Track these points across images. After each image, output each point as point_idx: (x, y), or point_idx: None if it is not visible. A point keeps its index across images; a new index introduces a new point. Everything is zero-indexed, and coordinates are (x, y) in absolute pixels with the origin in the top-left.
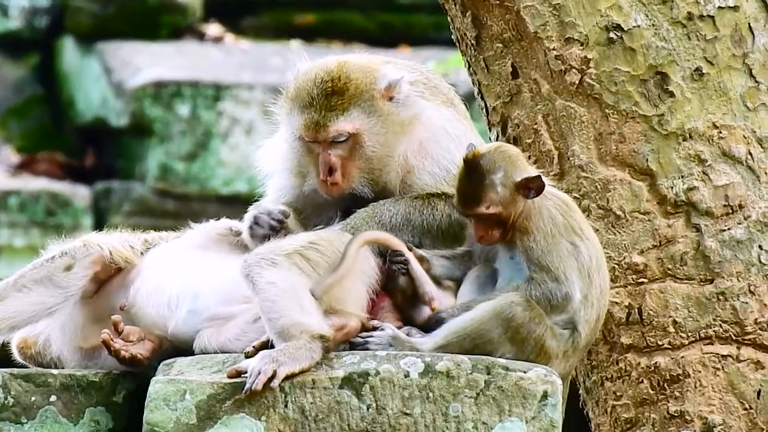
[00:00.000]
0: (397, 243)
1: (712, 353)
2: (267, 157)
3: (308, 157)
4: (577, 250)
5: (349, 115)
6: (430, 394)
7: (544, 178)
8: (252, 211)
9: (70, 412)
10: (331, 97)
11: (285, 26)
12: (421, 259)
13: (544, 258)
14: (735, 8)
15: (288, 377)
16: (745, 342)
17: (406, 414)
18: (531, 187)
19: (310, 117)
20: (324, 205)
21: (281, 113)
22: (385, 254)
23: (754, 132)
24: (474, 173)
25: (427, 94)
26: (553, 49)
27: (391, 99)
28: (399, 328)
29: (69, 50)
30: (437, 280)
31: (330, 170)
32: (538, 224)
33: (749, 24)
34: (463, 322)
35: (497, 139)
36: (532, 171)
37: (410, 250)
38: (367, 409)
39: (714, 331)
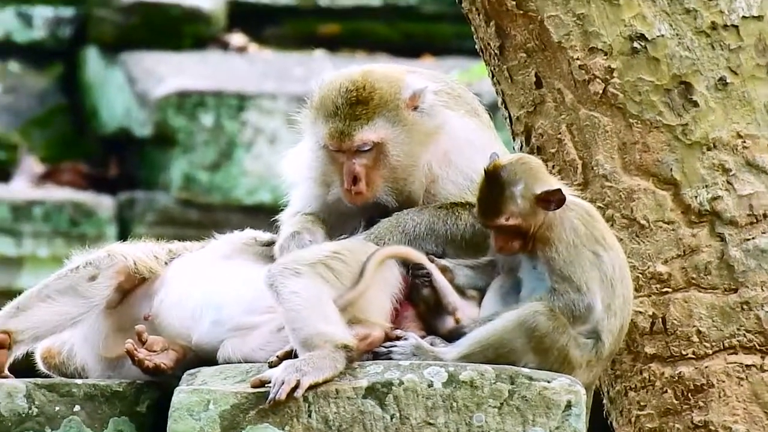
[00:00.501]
0: (417, 256)
1: (736, 363)
2: (291, 166)
3: (332, 166)
4: (600, 259)
5: (374, 124)
6: (454, 404)
7: (565, 190)
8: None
9: (93, 421)
10: (355, 106)
11: (308, 36)
12: (444, 270)
13: (566, 269)
14: (759, 18)
15: (312, 387)
16: None
17: (430, 424)
18: (551, 200)
19: (334, 126)
20: (348, 215)
21: (305, 122)
22: (409, 265)
23: None
24: (494, 184)
25: (452, 104)
26: (577, 59)
27: (415, 108)
28: (422, 337)
29: (93, 60)
30: (461, 290)
31: (354, 179)
32: (560, 235)
33: None
34: (487, 332)
35: (521, 149)
36: (553, 184)
37: (432, 261)
38: (391, 419)
39: (738, 340)
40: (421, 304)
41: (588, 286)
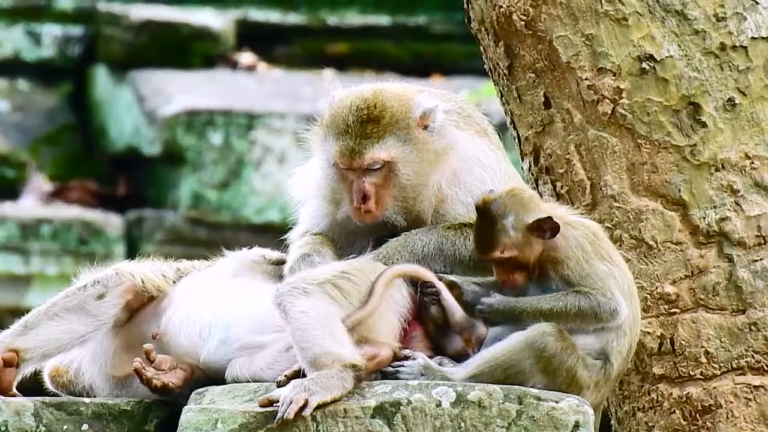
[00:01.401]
0: (426, 274)
1: (744, 384)
2: (300, 184)
3: (342, 184)
4: (612, 273)
5: (385, 143)
6: (462, 424)
7: (566, 212)
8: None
9: None
10: (366, 124)
11: (317, 55)
12: (453, 286)
13: (585, 281)
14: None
15: (320, 406)
16: None
17: None
18: (544, 228)
19: (345, 144)
20: (356, 234)
21: (315, 140)
22: (417, 284)
23: None
24: (486, 219)
25: (461, 124)
26: (586, 79)
27: (425, 128)
28: (430, 357)
29: (101, 78)
30: (469, 309)
31: (364, 198)
32: (567, 253)
33: None
34: (495, 352)
35: (530, 169)
36: (545, 212)
37: (440, 278)
38: None
39: (746, 361)
40: (430, 324)
41: (612, 292)
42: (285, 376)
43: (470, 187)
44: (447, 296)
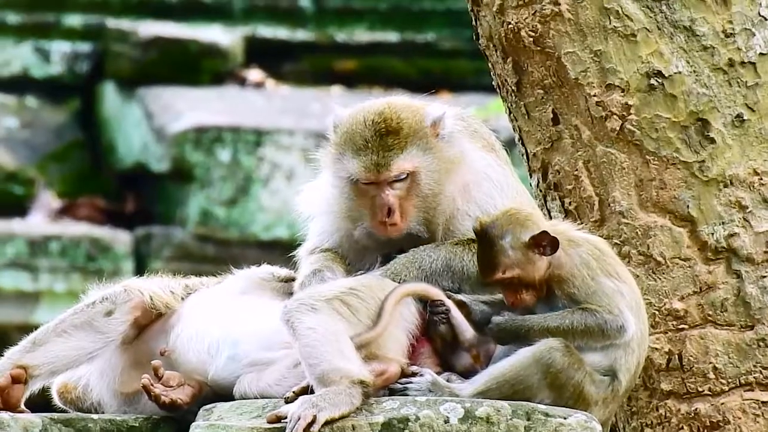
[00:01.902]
0: (435, 293)
1: (752, 400)
2: (308, 200)
3: (361, 200)
4: (620, 289)
5: (408, 153)
6: None
7: (568, 228)
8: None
9: None
10: (386, 137)
11: (325, 72)
12: (461, 305)
13: (592, 298)
14: None
15: (328, 422)
16: None
17: None
18: (542, 244)
19: (368, 159)
20: (366, 250)
21: (326, 159)
22: (426, 301)
23: None
24: (484, 241)
25: (468, 138)
26: (594, 96)
27: (437, 136)
28: (438, 374)
29: (110, 95)
30: (477, 327)
31: (389, 211)
32: (572, 271)
33: None
34: (503, 368)
35: (538, 186)
36: (540, 228)
37: (450, 297)
38: None
39: (754, 377)
40: (438, 340)
41: (620, 309)
42: (293, 392)
43: (479, 202)
44: (456, 314)
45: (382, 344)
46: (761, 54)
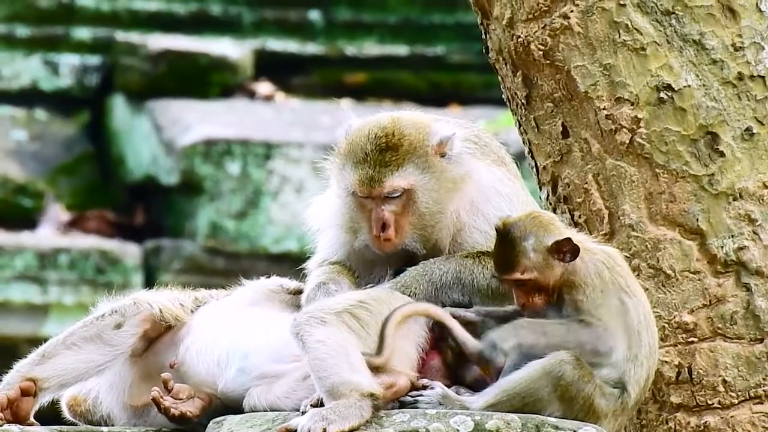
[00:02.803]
0: (435, 312)
1: (761, 413)
2: (317, 213)
3: (361, 213)
4: (625, 307)
5: (404, 171)
6: None
7: (586, 239)
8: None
9: None
10: (385, 152)
11: (335, 85)
12: (469, 323)
13: (595, 311)
14: None
15: None
16: None
17: None
18: (564, 250)
19: (364, 173)
20: (374, 263)
21: (332, 169)
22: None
23: None
24: (506, 241)
25: (479, 153)
26: (604, 109)
27: (443, 155)
28: (448, 386)
29: (119, 108)
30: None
31: (383, 226)
32: (585, 279)
33: None
34: (513, 381)
35: (547, 199)
36: (563, 234)
37: (455, 316)
38: None
39: (764, 390)
40: (448, 352)
41: (613, 331)
42: (311, 404)
43: (488, 216)
44: (459, 332)
45: (391, 357)
46: None
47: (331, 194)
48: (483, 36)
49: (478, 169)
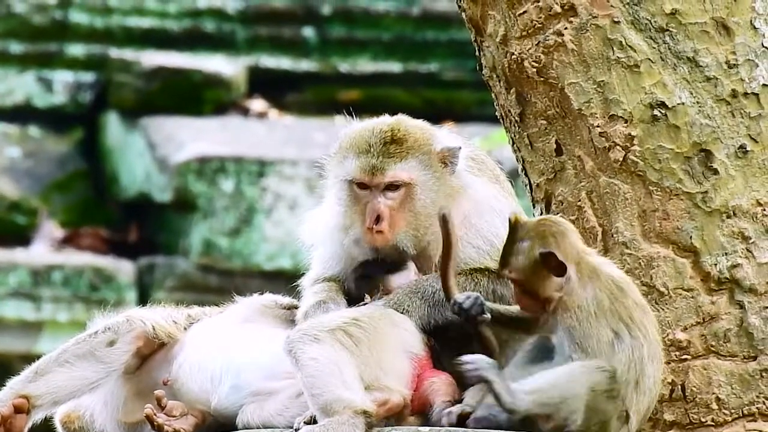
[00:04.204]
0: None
1: (755, 430)
2: (311, 229)
3: (355, 207)
4: (619, 339)
5: (407, 163)
6: None
7: (597, 258)
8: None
9: None
10: (389, 144)
11: (329, 102)
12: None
13: (585, 341)
14: None
15: None
16: None
17: None
18: (550, 265)
19: (366, 161)
20: (363, 280)
21: (332, 164)
22: (430, 332)
23: None
24: (510, 237)
25: (476, 170)
26: (597, 126)
27: (445, 164)
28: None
29: (113, 125)
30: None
31: (378, 218)
32: (581, 303)
33: None
34: (557, 374)
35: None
36: (558, 248)
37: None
38: None
39: (757, 408)
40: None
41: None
42: (304, 422)
43: (482, 231)
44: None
45: (383, 375)
46: (764, 85)
47: (326, 206)
48: (477, 53)
49: (474, 184)
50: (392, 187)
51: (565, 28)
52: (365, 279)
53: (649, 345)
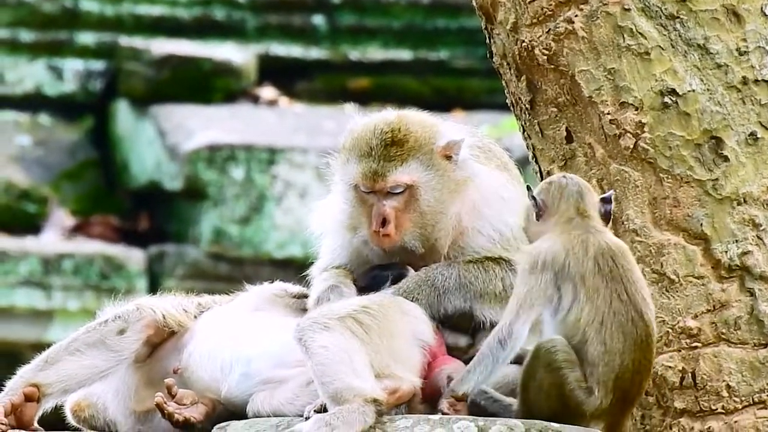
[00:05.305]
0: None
1: (765, 418)
2: (320, 217)
3: (362, 208)
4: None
5: (408, 166)
6: None
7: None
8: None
9: None
10: (390, 147)
11: (339, 90)
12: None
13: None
14: None
15: None
16: None
17: None
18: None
19: (368, 166)
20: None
21: (337, 164)
22: (440, 320)
23: None
24: None
25: (482, 158)
26: (608, 114)
27: (448, 158)
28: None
29: (123, 114)
30: None
31: (383, 221)
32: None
33: None
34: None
35: None
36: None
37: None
38: None
39: None
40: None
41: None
42: (315, 410)
43: (491, 220)
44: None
45: (395, 362)
46: None
47: (334, 197)
48: (487, 41)
49: (481, 174)
50: (395, 190)
51: (576, 16)
52: (371, 289)
53: (598, 313)
